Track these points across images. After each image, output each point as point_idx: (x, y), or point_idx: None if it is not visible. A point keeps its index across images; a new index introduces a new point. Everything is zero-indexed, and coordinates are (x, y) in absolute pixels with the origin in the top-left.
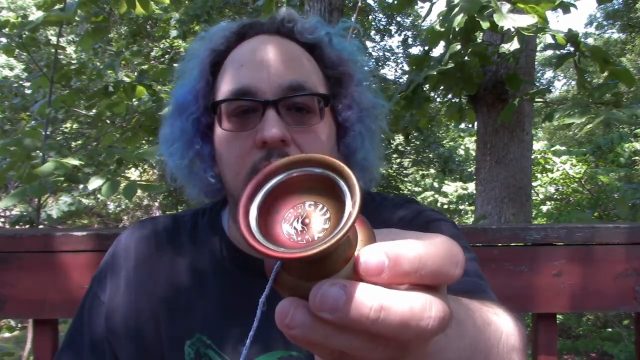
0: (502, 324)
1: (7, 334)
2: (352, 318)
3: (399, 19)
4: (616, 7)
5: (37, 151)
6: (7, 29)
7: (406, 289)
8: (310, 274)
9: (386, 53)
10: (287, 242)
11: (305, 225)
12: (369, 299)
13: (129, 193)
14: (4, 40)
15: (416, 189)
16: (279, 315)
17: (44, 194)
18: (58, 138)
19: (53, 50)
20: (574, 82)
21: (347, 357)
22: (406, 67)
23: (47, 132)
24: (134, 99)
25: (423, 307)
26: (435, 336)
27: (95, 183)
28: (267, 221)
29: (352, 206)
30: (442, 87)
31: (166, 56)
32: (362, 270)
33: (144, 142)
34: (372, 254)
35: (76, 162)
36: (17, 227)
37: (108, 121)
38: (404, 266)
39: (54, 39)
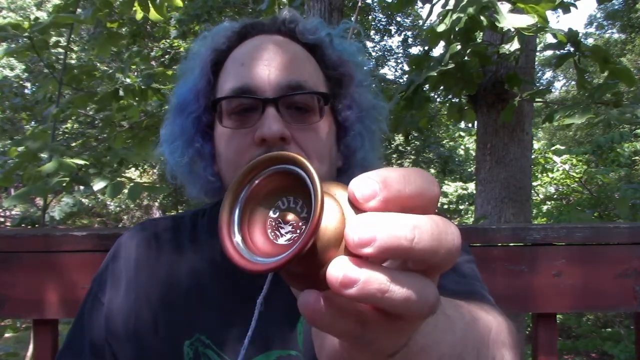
0: (491, 320)
1: (7, 334)
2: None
3: (399, 19)
4: (616, 7)
5: (43, 153)
6: (17, 31)
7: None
8: (317, 260)
9: (386, 53)
10: (279, 247)
11: (287, 222)
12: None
13: (133, 194)
14: (5, 42)
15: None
16: (331, 278)
17: (48, 194)
18: (59, 138)
19: (61, 51)
20: (574, 82)
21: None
22: (406, 67)
23: (40, 130)
24: (142, 103)
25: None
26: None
27: (100, 184)
28: (253, 239)
29: (310, 180)
30: (442, 87)
31: (166, 56)
32: (360, 198)
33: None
34: (361, 183)
35: (81, 162)
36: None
37: (119, 123)
38: (393, 185)
39: (54, 40)
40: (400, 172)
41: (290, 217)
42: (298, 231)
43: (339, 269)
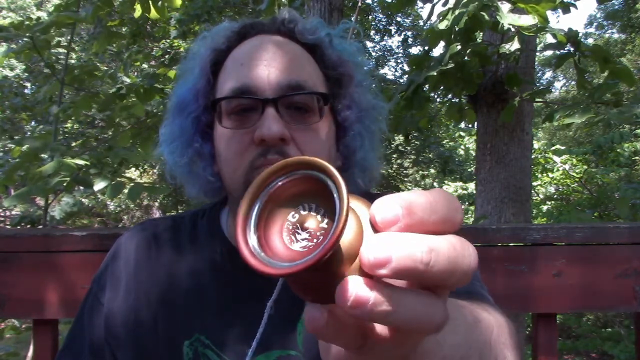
0: (492, 320)
1: (7, 335)
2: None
3: (399, 19)
4: (616, 7)
5: (44, 153)
6: (19, 31)
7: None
8: (329, 272)
9: (386, 53)
10: (293, 253)
11: (305, 230)
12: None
13: (133, 195)
14: (6, 42)
15: (416, 189)
16: (342, 298)
17: (48, 194)
18: (59, 138)
19: (61, 51)
20: (574, 82)
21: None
22: (406, 67)
23: (43, 131)
24: (147, 102)
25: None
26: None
27: (100, 184)
28: (268, 241)
29: (337, 192)
30: (442, 87)
31: (166, 56)
32: (380, 222)
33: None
34: (385, 206)
35: (81, 162)
36: (18, 227)
37: (123, 123)
38: (418, 213)
39: (55, 40)
40: (426, 199)
41: (309, 224)
42: (315, 240)
43: (350, 290)
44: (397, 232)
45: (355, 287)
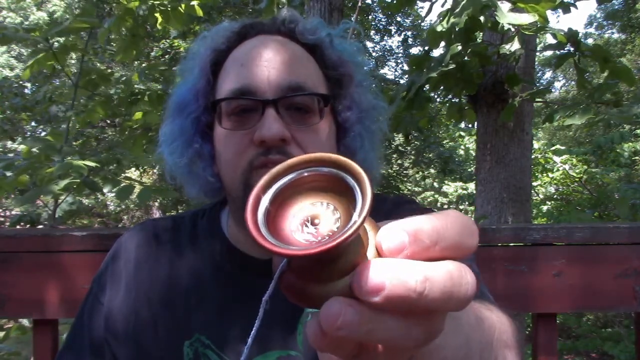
0: (495, 320)
1: (11, 335)
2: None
3: (399, 19)
4: (616, 7)
5: (55, 155)
6: (35, 34)
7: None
8: (318, 276)
9: (386, 53)
10: (293, 240)
11: (314, 225)
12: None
13: (143, 198)
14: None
15: (416, 189)
16: (328, 320)
17: (58, 197)
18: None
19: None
20: (574, 82)
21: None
22: (406, 67)
23: (40, 131)
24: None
25: (459, 272)
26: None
27: (109, 187)
28: (276, 219)
29: (361, 207)
30: (442, 87)
31: (166, 56)
32: (386, 250)
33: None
34: (390, 234)
35: (92, 164)
36: (17, 227)
37: (132, 128)
38: (425, 240)
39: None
40: (435, 225)
41: (320, 222)
42: (319, 238)
43: (335, 313)
44: (399, 258)
45: (340, 311)
